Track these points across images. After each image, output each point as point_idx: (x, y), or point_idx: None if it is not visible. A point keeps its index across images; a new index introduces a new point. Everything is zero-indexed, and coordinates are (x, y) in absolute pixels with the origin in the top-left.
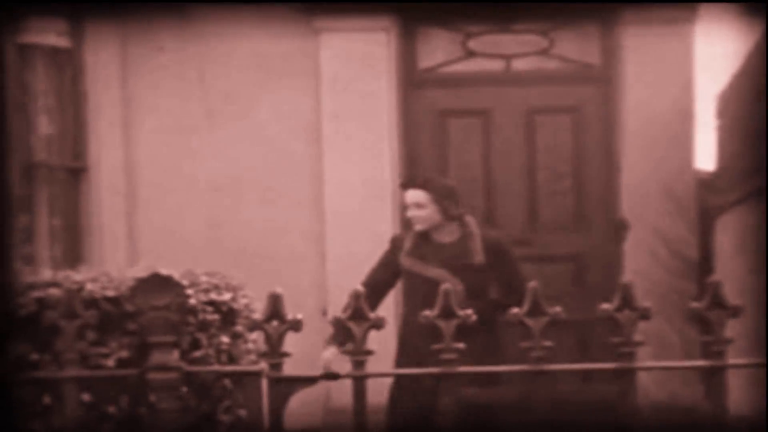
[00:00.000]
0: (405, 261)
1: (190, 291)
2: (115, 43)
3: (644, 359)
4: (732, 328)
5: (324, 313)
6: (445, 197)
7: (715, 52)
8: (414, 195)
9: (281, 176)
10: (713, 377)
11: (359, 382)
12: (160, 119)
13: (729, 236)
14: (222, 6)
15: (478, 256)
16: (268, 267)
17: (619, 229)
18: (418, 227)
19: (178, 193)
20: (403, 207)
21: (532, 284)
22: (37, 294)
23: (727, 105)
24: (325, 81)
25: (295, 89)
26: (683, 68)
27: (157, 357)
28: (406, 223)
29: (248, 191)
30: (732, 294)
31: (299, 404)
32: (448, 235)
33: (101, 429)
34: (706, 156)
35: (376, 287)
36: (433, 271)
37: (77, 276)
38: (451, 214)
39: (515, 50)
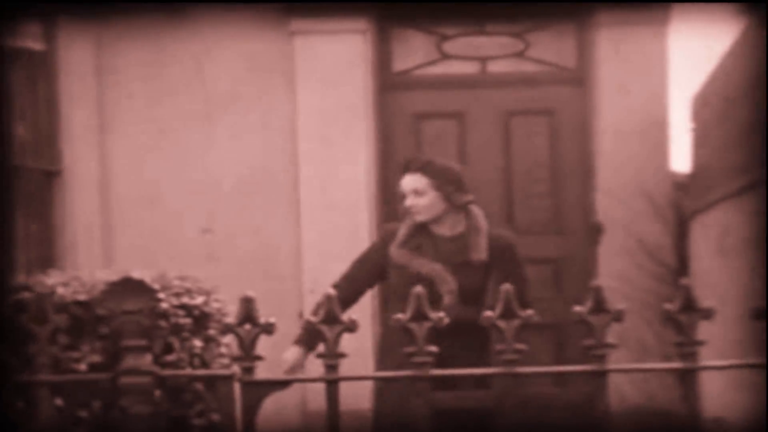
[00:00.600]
0: (396, 253)
1: (162, 295)
2: (90, 45)
3: (622, 362)
4: (707, 330)
5: (300, 316)
6: (448, 183)
7: (690, 54)
8: (412, 180)
9: (258, 179)
10: (687, 379)
11: (332, 386)
12: (134, 122)
13: (705, 238)
14: (197, 7)
15: (480, 253)
16: (245, 270)
17: (594, 231)
18: (418, 218)
19: (153, 196)
20: (401, 195)
21: (505, 287)
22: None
23: (702, 107)
24: (300, 83)
25: (273, 92)
26: (658, 70)
27: (129, 361)
28: (404, 214)
29: (225, 194)
30: (708, 296)
31: (275, 408)
32: (450, 228)
33: None
34: (681, 158)
35: (355, 282)
36: (428, 267)
37: (49, 280)
38: (455, 203)
39: (491, 53)
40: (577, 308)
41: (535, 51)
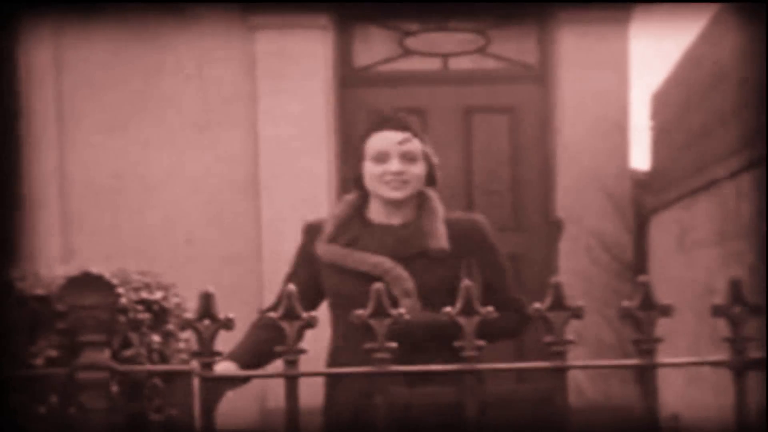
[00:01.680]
0: (324, 250)
1: (121, 290)
2: (49, 40)
3: (581, 358)
4: (665, 327)
5: (260, 312)
6: (431, 152)
7: (651, 53)
8: (396, 138)
9: (216, 173)
10: (645, 376)
11: (291, 382)
12: (94, 118)
13: (664, 236)
14: (156, 5)
15: (439, 240)
16: (207, 266)
17: (554, 228)
18: (399, 194)
19: (112, 192)
20: (375, 157)
21: (465, 283)
22: None
23: (662, 105)
24: (260, 79)
25: (230, 87)
26: (619, 69)
27: (87, 356)
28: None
29: (184, 189)
30: (667, 293)
31: (234, 404)
32: (397, 215)
33: (30, 429)
34: (641, 156)
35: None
36: (370, 262)
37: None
38: (435, 178)
39: (452, 49)
40: (537, 305)
41: (496, 48)
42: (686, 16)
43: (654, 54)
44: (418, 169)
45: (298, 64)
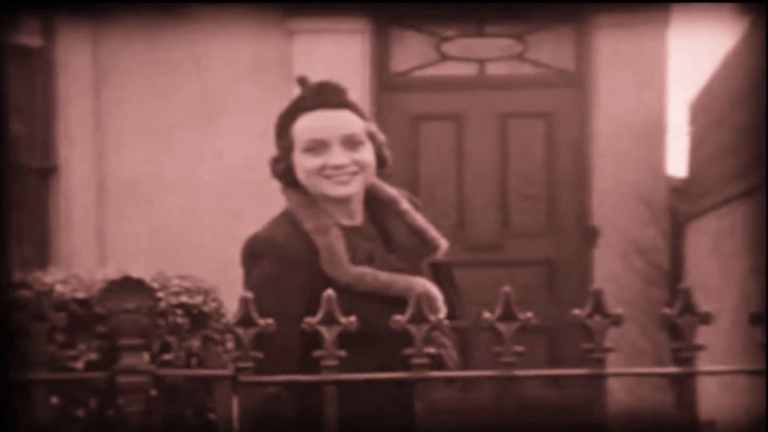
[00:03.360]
0: (355, 275)
1: (160, 294)
2: (87, 42)
3: (615, 365)
4: (702, 335)
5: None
6: (375, 129)
7: (689, 57)
8: (338, 120)
9: (254, 181)
10: (683, 384)
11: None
12: (131, 120)
13: (700, 242)
14: (198, 7)
15: (440, 241)
16: (238, 272)
17: (589, 235)
18: (348, 189)
19: (149, 194)
20: (308, 151)
21: (505, 288)
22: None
23: (700, 111)
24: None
25: (269, 92)
26: (657, 74)
27: (126, 360)
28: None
29: (219, 196)
30: (703, 300)
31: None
32: (347, 213)
33: (69, 431)
34: (678, 162)
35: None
36: (400, 282)
37: (47, 278)
38: (385, 159)
39: (489, 54)
40: (576, 311)
41: (533, 53)
42: (724, 19)
43: (692, 60)
44: (367, 154)
45: (335, 69)
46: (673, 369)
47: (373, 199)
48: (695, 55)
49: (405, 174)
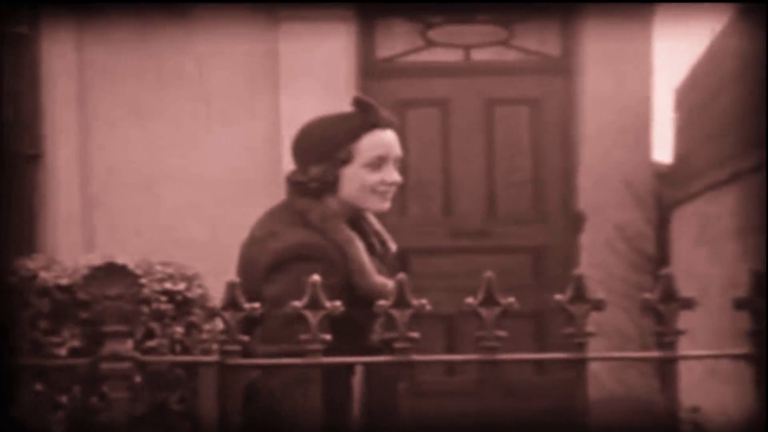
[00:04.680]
0: (382, 284)
1: (144, 280)
2: (72, 30)
3: (600, 350)
4: (686, 320)
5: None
6: None
7: (675, 44)
8: (396, 141)
9: (241, 170)
10: (666, 369)
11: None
12: (117, 108)
13: (685, 228)
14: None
15: (394, 244)
16: (224, 260)
17: (575, 221)
18: (387, 206)
19: (134, 182)
20: (370, 166)
21: (488, 274)
22: None
23: (685, 97)
24: (283, 70)
25: (256, 80)
26: (642, 60)
27: (110, 346)
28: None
29: (206, 184)
30: (689, 286)
31: None
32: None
33: (53, 418)
34: (664, 148)
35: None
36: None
37: (30, 264)
38: None
39: (475, 41)
40: (558, 297)
41: (519, 40)
42: (709, 11)
43: (677, 46)
44: (400, 177)
45: (321, 56)
46: (655, 353)
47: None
48: (680, 41)
49: None
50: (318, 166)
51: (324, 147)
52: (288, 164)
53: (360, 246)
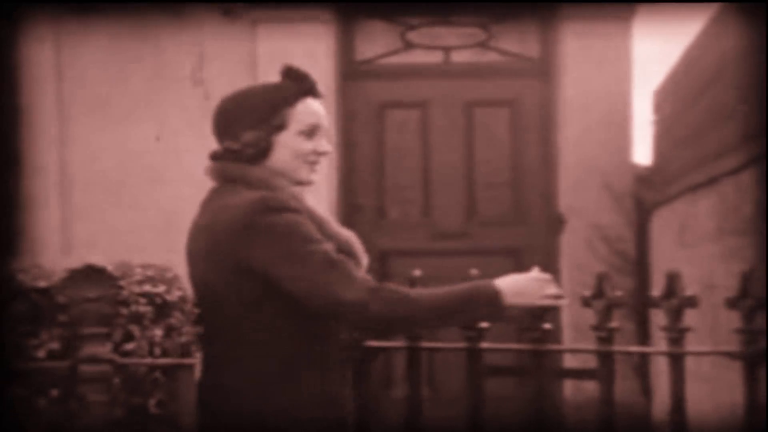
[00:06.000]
0: (342, 232)
1: (123, 282)
2: (51, 38)
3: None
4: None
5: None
6: None
7: (654, 47)
8: (322, 111)
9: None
10: (672, 365)
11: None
12: (94, 110)
13: (665, 230)
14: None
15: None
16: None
17: (555, 223)
18: (315, 178)
19: (113, 184)
20: (304, 134)
21: (474, 272)
22: None
23: (664, 100)
24: (261, 72)
25: (232, 82)
26: (622, 62)
27: (88, 349)
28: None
29: (187, 184)
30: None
31: None
32: None
33: (30, 421)
34: (643, 150)
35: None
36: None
37: (9, 266)
38: None
39: (454, 43)
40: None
41: (498, 41)
42: (689, 14)
43: (656, 49)
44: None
45: (300, 57)
46: (654, 349)
47: None
48: (659, 44)
49: (371, 162)
50: (251, 132)
51: (257, 113)
52: None
53: (309, 200)
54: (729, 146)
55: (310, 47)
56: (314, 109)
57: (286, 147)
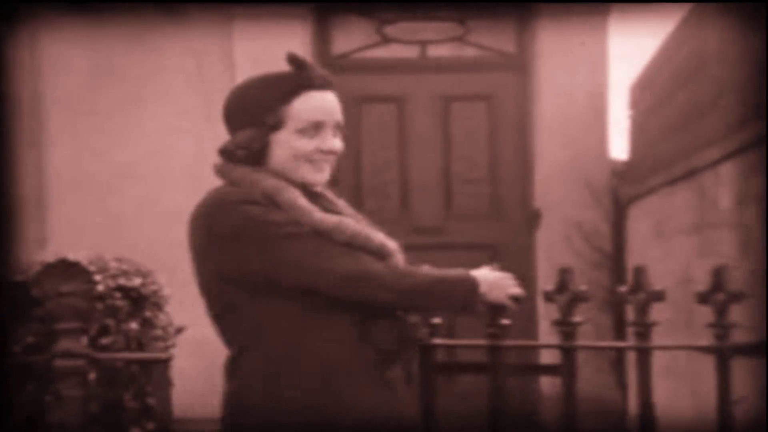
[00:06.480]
0: (333, 223)
1: (98, 277)
2: (50, 34)
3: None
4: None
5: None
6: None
7: (630, 41)
8: (336, 104)
9: (200, 166)
10: (639, 360)
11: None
12: (71, 105)
13: (642, 225)
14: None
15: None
16: (182, 258)
17: (532, 218)
18: (323, 177)
19: (90, 178)
20: (303, 132)
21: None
22: None
23: (640, 94)
24: (239, 66)
25: (211, 78)
26: (598, 57)
27: (64, 343)
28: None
29: (164, 179)
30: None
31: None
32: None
33: (6, 416)
34: (620, 145)
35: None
36: (377, 236)
37: None
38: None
39: (431, 37)
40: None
41: (475, 36)
42: (666, 8)
43: (633, 43)
44: (341, 143)
45: (276, 52)
46: (625, 344)
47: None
48: (635, 38)
49: (348, 156)
50: (245, 132)
51: (251, 110)
52: None
53: (294, 192)
54: (707, 139)
55: (285, 42)
56: (315, 105)
57: (284, 148)
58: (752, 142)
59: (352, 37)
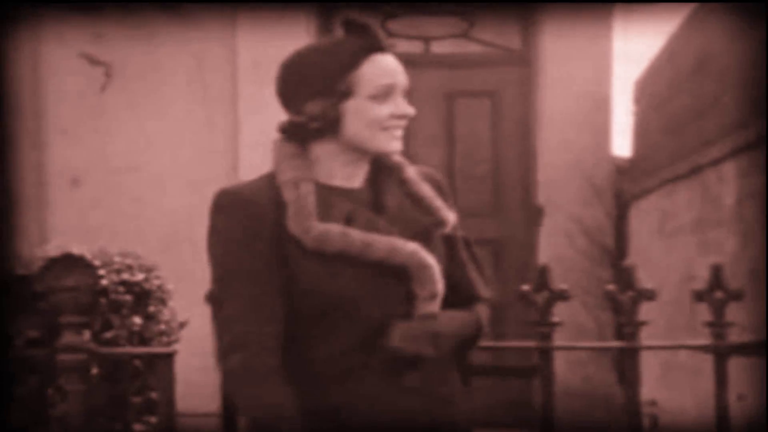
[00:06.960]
0: (318, 233)
1: (102, 271)
2: (49, 34)
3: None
4: (649, 312)
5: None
6: None
7: (634, 39)
8: (399, 67)
9: (202, 164)
10: (627, 359)
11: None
12: (74, 99)
13: (644, 222)
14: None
15: (449, 214)
16: (186, 251)
17: (534, 214)
18: (400, 146)
19: (92, 173)
20: (375, 98)
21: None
22: None
23: (644, 91)
24: (240, 68)
25: (214, 79)
26: (601, 54)
27: (67, 337)
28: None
29: (166, 176)
30: (647, 279)
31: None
32: (358, 175)
33: (9, 410)
34: (623, 142)
35: (263, 310)
36: (382, 244)
37: None
38: None
39: (435, 33)
40: (524, 287)
41: (479, 32)
42: (669, 9)
43: (637, 40)
44: (413, 109)
45: (279, 47)
46: (617, 343)
47: (375, 164)
48: (640, 35)
49: None
50: (315, 102)
51: (317, 79)
52: (244, 162)
53: (308, 190)
54: (710, 137)
55: (290, 37)
56: (385, 67)
57: (358, 116)
58: (754, 140)
59: None
